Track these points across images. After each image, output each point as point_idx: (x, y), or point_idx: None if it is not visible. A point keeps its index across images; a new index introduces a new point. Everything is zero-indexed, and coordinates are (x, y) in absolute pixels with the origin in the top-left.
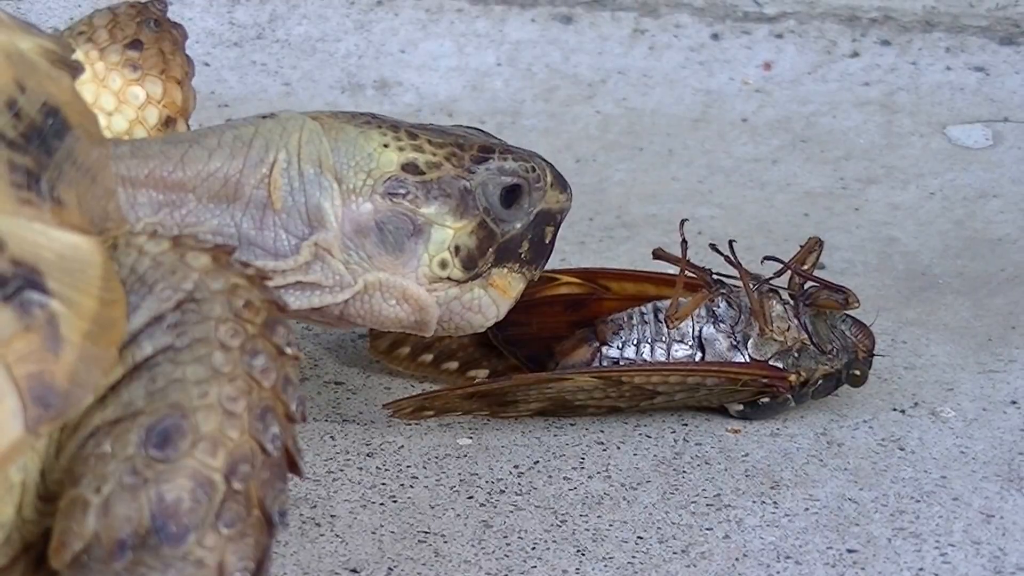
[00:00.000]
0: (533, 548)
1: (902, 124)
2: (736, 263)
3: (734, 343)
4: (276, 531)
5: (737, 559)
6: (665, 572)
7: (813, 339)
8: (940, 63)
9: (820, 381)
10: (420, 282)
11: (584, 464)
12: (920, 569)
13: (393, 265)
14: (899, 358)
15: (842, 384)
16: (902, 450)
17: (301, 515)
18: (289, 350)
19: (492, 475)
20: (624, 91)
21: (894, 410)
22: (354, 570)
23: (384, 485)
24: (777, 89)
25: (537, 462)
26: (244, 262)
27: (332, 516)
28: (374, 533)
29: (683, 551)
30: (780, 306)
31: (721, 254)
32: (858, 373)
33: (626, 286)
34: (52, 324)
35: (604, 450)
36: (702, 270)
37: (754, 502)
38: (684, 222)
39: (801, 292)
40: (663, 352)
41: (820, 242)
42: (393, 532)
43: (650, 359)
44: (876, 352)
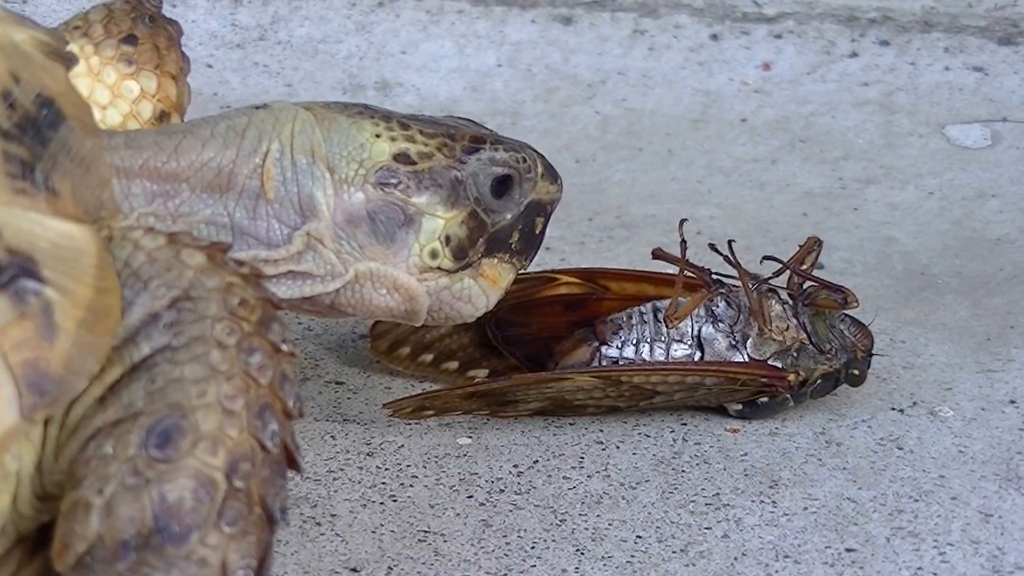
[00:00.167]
0: (532, 547)
1: (901, 124)
2: (735, 263)
3: (733, 343)
4: (277, 528)
5: (736, 558)
6: (664, 571)
7: (812, 339)
8: (939, 63)
9: (819, 381)
10: (411, 272)
11: (583, 463)
12: (919, 568)
13: (384, 255)
14: (898, 358)
15: (841, 384)
16: (901, 449)
17: (302, 514)
18: (285, 347)
19: (492, 474)
20: (623, 91)
21: (893, 409)
22: (354, 569)
23: (384, 484)
24: (776, 89)
25: (536, 461)
26: (239, 260)
27: (332, 515)
28: (374, 532)
29: (682, 550)
30: (779, 306)
31: (720, 254)
32: (857, 373)
33: (625, 286)
34: (47, 312)
35: (603, 449)
36: (701, 270)
37: (753, 501)
38: (683, 222)
39: (800, 292)
40: (662, 352)
41: (819, 242)
42: (393, 531)
43: (649, 359)
44: (875, 352)
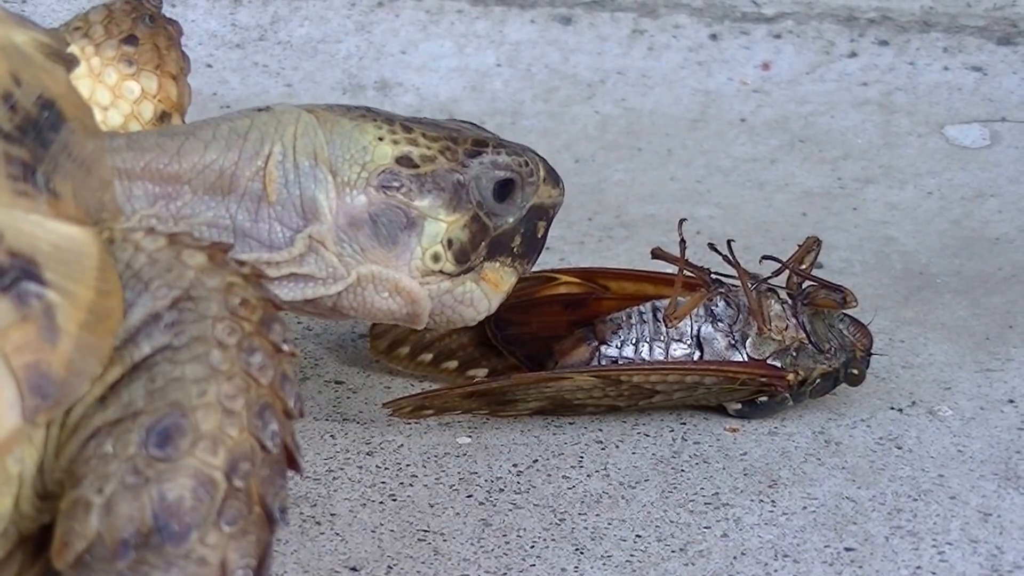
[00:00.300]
0: (532, 546)
1: (900, 124)
2: (734, 262)
3: (732, 342)
4: (277, 527)
5: (735, 557)
6: (663, 570)
7: (811, 338)
8: (938, 63)
9: (818, 380)
10: (413, 275)
11: (583, 463)
12: (918, 567)
13: (386, 258)
14: (897, 357)
15: (840, 383)
16: (900, 449)
17: (301, 513)
18: (286, 347)
19: (491, 474)
20: (623, 91)
21: (892, 409)
22: (354, 568)
23: (384, 484)
24: (775, 89)
25: (536, 461)
26: (240, 260)
27: (332, 514)
28: (374, 531)
29: (681, 549)
30: (778, 305)
31: (719, 253)
32: (856, 372)
33: (625, 285)
34: (49, 314)
35: (603, 449)
36: (700, 269)
37: (752, 501)
38: (683, 222)
39: (799, 291)
40: (661, 351)
41: (818, 241)
42: (393, 530)
43: (649, 358)
44: (874, 351)
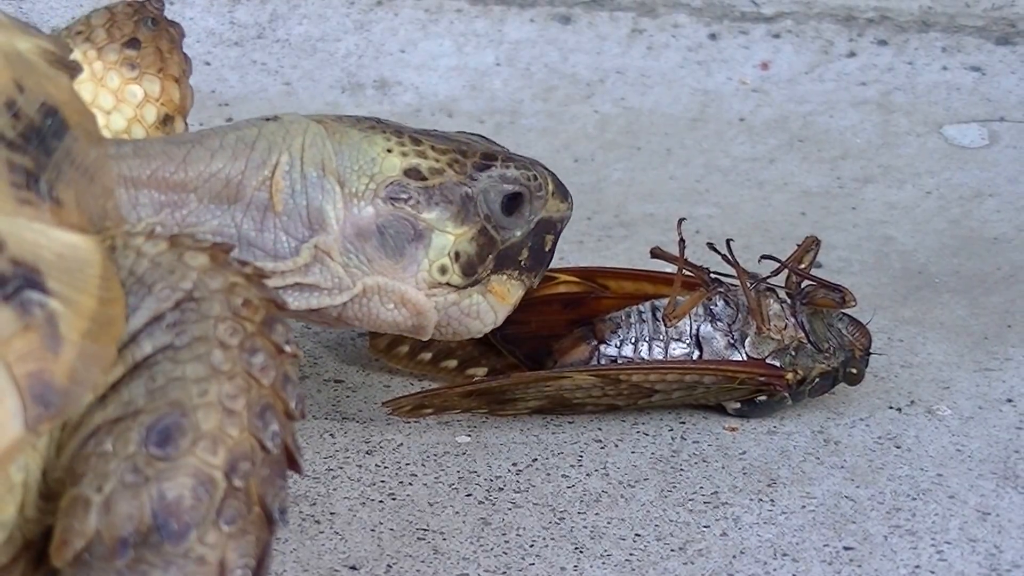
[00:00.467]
0: (531, 545)
1: (899, 123)
2: (733, 262)
3: (731, 341)
4: (276, 528)
5: (734, 556)
6: (663, 569)
7: (810, 337)
8: (936, 63)
9: (817, 379)
10: (419, 287)
11: (582, 462)
12: (916, 566)
13: (393, 269)
14: (895, 356)
15: (839, 382)
16: (898, 448)
17: (301, 512)
18: (288, 348)
19: (491, 473)
20: (622, 91)
21: (890, 408)
22: (353, 567)
23: (383, 483)
24: (774, 89)
25: (535, 460)
26: (242, 260)
27: (332, 513)
28: (373, 530)
29: (680, 548)
30: (777, 305)
31: (719, 253)
32: (855, 371)
33: (624, 285)
34: (51, 323)
35: (602, 448)
36: (700, 269)
37: (751, 500)
38: (682, 221)
39: (798, 291)
40: (661, 350)
41: (817, 241)
42: (392, 529)
43: (648, 357)
44: (873, 350)
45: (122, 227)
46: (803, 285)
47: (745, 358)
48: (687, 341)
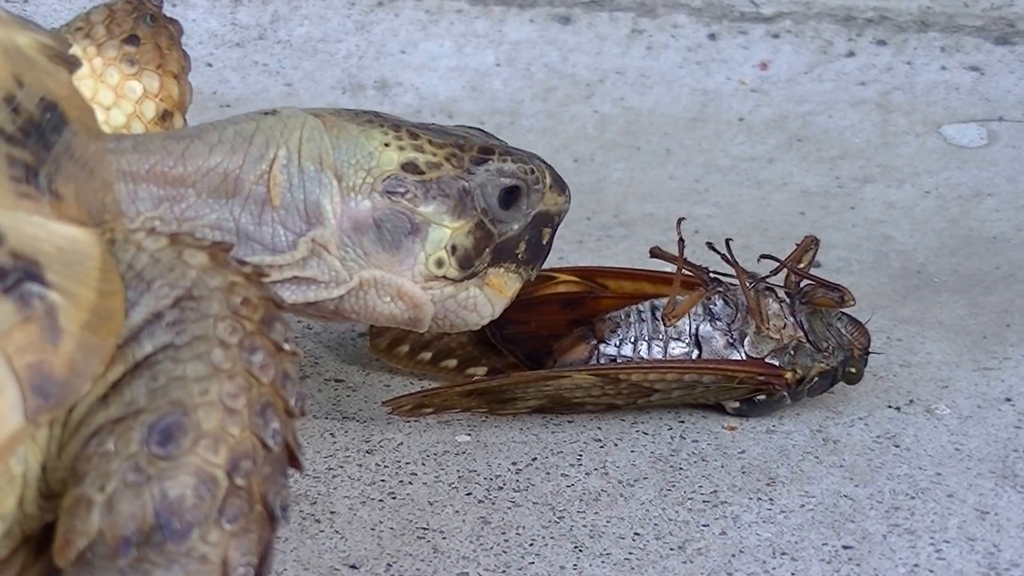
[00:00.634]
0: (531, 544)
1: (898, 123)
2: (733, 261)
3: (731, 341)
4: (278, 526)
5: (733, 555)
6: (662, 568)
7: (809, 337)
8: (935, 63)
9: (816, 378)
10: (416, 280)
11: (582, 461)
12: (915, 565)
13: (389, 263)
14: (894, 356)
15: (838, 381)
16: (897, 447)
17: (301, 511)
18: (287, 346)
19: (490, 472)
20: (622, 91)
21: (889, 407)
22: (353, 566)
23: (383, 482)
24: (774, 89)
25: (535, 459)
26: (241, 259)
27: (332, 512)
28: (373, 529)
29: (680, 547)
30: (776, 304)
31: (718, 252)
32: (854, 371)
33: (624, 284)
34: (51, 315)
35: (601, 447)
36: (699, 268)
37: (750, 499)
38: (681, 221)
39: (797, 290)
40: (660, 350)
41: (816, 240)
42: (392, 528)
43: (647, 357)
44: (871, 350)
45: (121, 221)
46: (802, 284)
47: (744, 357)
48: (686, 340)
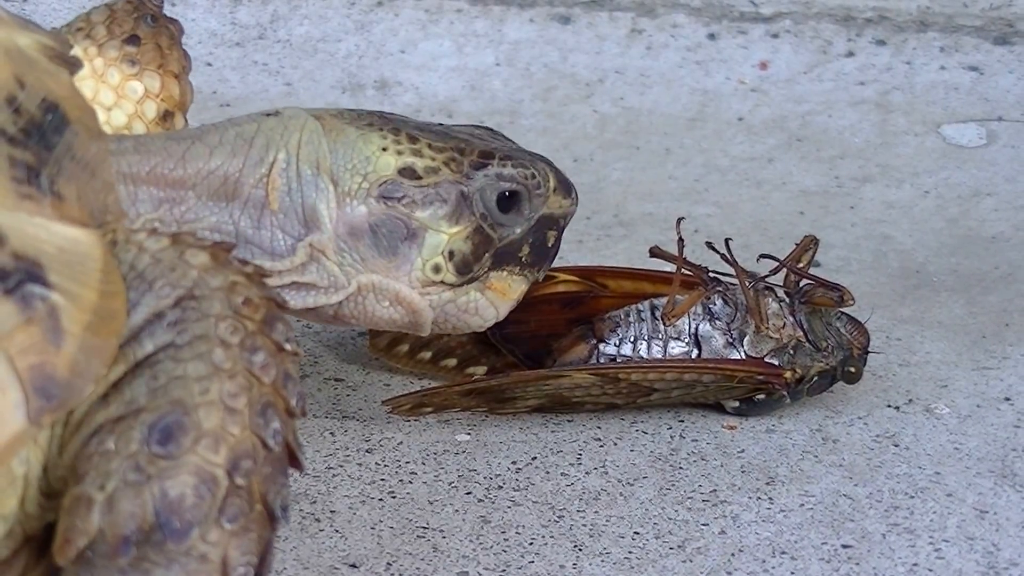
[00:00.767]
0: (531, 543)
1: (897, 123)
2: (732, 261)
3: (730, 340)
4: (278, 525)
5: (733, 554)
6: (661, 567)
7: (808, 336)
8: (934, 63)
9: (815, 378)
10: (413, 285)
11: (581, 460)
12: (914, 564)
13: (386, 268)
14: (893, 355)
15: (837, 381)
16: (896, 446)
17: (301, 510)
18: (288, 346)
19: (490, 471)
20: (621, 90)
21: (888, 407)
22: (353, 565)
23: (383, 481)
24: (773, 88)
25: (535, 458)
26: (243, 259)
27: (332, 511)
28: (373, 528)
29: (679, 546)
30: (776, 303)
31: (717, 252)
32: (853, 370)
33: (623, 284)
34: (53, 316)
35: (601, 446)
36: (698, 268)
37: (750, 498)
38: (681, 220)
39: (796, 290)
40: (660, 349)
41: (815, 240)
42: (392, 527)
43: (647, 356)
44: (871, 349)
45: (123, 222)
46: (801, 284)
47: (744, 357)
48: (686, 340)
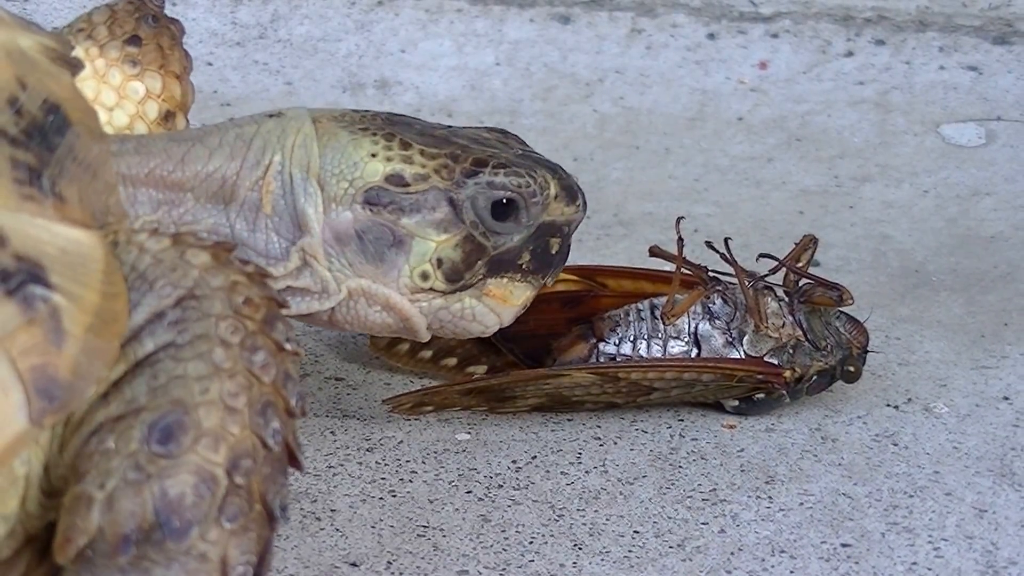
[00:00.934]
0: (531, 542)
1: (896, 123)
2: (732, 260)
3: (729, 339)
4: (278, 525)
5: (732, 553)
6: (661, 566)
7: (808, 336)
8: (934, 62)
9: (815, 377)
10: (402, 292)
11: (581, 459)
12: (913, 563)
13: (374, 274)
14: (893, 354)
15: (836, 380)
16: (895, 445)
17: (301, 509)
18: (288, 346)
19: (490, 470)
20: (621, 90)
21: (888, 406)
22: (354, 564)
23: (383, 480)
24: (772, 88)
25: (535, 457)
26: (244, 259)
27: (332, 510)
28: (374, 527)
29: (679, 545)
30: (775, 303)
31: (717, 252)
32: (852, 369)
33: (623, 283)
34: (55, 317)
35: (601, 445)
36: (698, 267)
37: (749, 497)
38: (680, 220)
39: (796, 289)
40: (659, 348)
41: (815, 240)
42: (392, 526)
43: (646, 355)
44: (870, 348)
45: (124, 223)
46: (801, 283)
47: (743, 356)
48: (685, 339)
